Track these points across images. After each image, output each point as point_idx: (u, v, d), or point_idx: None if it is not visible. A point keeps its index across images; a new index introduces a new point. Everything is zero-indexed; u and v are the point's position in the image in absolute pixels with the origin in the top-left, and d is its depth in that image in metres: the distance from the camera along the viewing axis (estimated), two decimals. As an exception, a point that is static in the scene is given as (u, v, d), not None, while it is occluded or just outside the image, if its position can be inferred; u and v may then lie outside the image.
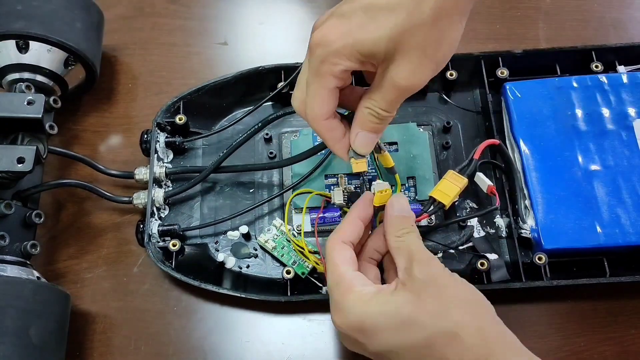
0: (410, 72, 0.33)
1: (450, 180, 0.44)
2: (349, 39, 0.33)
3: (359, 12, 0.32)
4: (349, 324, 0.35)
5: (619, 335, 0.45)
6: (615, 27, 0.58)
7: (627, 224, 0.45)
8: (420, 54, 0.32)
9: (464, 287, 0.36)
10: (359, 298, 0.35)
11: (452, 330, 0.33)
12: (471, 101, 0.54)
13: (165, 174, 0.50)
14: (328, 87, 0.34)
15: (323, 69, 0.34)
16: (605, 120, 0.49)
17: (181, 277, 0.46)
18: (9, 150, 0.43)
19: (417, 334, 0.33)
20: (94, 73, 0.52)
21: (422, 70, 0.33)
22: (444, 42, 0.33)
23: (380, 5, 0.32)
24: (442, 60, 0.34)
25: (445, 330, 0.33)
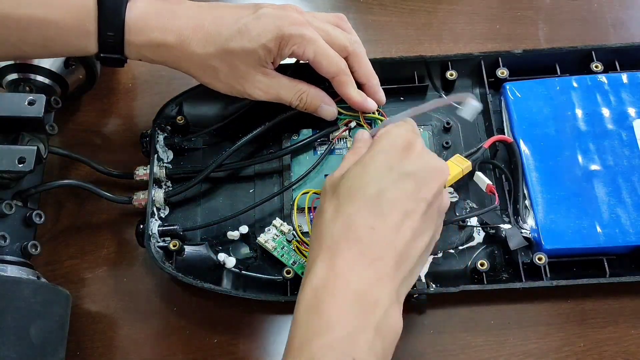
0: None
1: (455, 162, 0.45)
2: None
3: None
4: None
5: (619, 335, 0.45)
6: (615, 27, 0.58)
7: (627, 224, 0.45)
8: None
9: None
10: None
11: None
12: (471, 101, 0.54)
13: (165, 174, 0.50)
14: None
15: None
16: (605, 120, 0.49)
17: (181, 277, 0.46)
18: (10, 151, 0.43)
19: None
20: (94, 73, 0.52)
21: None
22: None
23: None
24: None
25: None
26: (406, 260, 0.37)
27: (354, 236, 0.36)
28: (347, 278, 0.35)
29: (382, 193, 0.37)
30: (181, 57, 0.44)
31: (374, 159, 0.39)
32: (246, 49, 0.43)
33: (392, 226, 0.36)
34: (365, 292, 0.34)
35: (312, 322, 0.34)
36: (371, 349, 0.33)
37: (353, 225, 0.36)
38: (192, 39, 0.43)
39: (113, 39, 0.43)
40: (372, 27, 0.59)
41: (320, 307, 0.34)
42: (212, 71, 0.45)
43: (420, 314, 0.46)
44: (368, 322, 0.34)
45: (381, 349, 0.34)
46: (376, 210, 0.37)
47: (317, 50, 0.44)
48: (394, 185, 0.37)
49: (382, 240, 0.36)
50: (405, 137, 0.40)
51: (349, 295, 0.34)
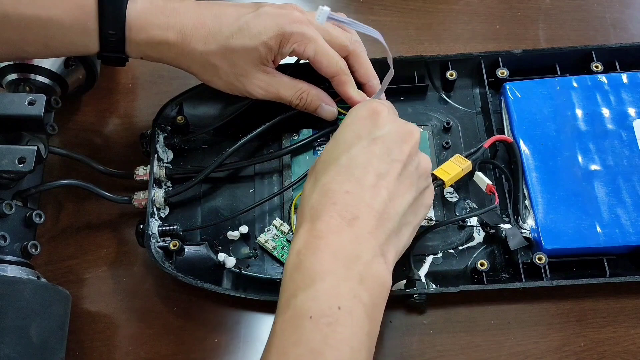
0: None
1: (455, 162, 0.46)
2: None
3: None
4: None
5: (619, 335, 0.45)
6: (615, 27, 0.58)
7: (627, 224, 0.45)
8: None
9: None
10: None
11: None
12: (471, 101, 0.54)
13: (165, 174, 0.50)
14: None
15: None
16: (605, 120, 0.49)
17: (181, 277, 0.46)
18: (10, 150, 0.43)
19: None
20: (94, 73, 0.52)
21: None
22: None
23: None
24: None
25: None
26: (387, 219, 0.37)
27: (330, 201, 0.37)
28: (327, 238, 0.36)
29: (353, 159, 0.38)
30: (182, 54, 0.44)
31: (343, 131, 0.40)
32: (247, 47, 0.43)
33: (366, 187, 0.37)
34: (345, 248, 0.35)
35: (296, 279, 0.35)
36: (356, 297, 0.34)
37: (329, 192, 0.37)
38: (193, 37, 0.44)
39: (114, 37, 0.43)
40: (372, 27, 0.59)
41: (303, 265, 0.35)
42: (213, 69, 0.45)
43: (420, 314, 0.47)
44: (350, 273, 0.35)
45: (368, 299, 0.35)
46: (349, 175, 0.38)
47: (318, 49, 0.44)
48: (363, 150, 0.38)
49: (358, 202, 0.37)
50: (369, 106, 0.41)
51: (329, 252, 0.35)
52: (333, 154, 0.39)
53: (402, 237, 0.39)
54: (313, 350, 0.33)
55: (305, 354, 0.33)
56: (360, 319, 0.34)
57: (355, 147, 0.39)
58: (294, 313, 0.34)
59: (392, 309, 0.47)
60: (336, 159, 0.39)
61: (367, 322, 0.34)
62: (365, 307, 0.34)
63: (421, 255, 0.48)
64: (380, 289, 0.36)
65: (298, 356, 0.33)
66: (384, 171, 0.38)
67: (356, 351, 0.33)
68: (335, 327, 0.33)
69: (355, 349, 0.33)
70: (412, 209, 0.39)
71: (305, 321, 0.33)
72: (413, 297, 0.44)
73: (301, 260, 0.35)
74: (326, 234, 0.36)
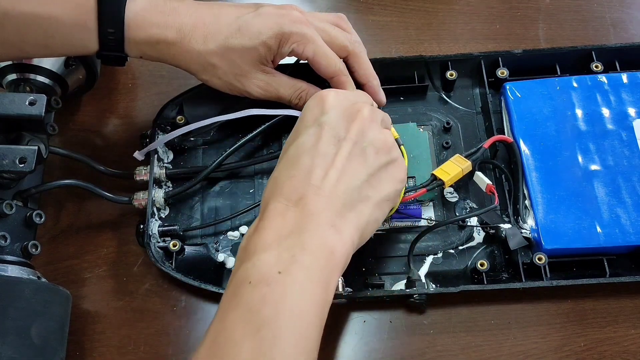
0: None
1: (455, 162, 0.46)
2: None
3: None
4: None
5: (619, 335, 0.45)
6: (615, 27, 0.58)
7: (627, 224, 0.45)
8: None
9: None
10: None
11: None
12: (471, 101, 0.54)
13: (165, 174, 0.50)
14: None
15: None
16: (605, 120, 0.49)
17: (181, 277, 0.46)
18: (11, 151, 0.43)
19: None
20: (94, 73, 0.52)
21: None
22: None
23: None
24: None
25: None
26: (336, 197, 0.37)
27: (278, 189, 0.37)
28: (272, 219, 0.36)
29: (299, 147, 0.39)
30: (181, 53, 0.44)
31: (296, 126, 0.41)
32: (246, 46, 0.44)
33: (312, 170, 0.37)
34: (288, 225, 0.35)
35: (241, 257, 0.36)
36: (297, 262, 0.34)
37: (277, 181, 0.38)
38: (192, 36, 0.44)
39: (113, 35, 0.43)
40: (372, 27, 0.59)
41: (247, 245, 0.36)
42: (212, 68, 0.45)
43: (420, 314, 0.47)
44: (292, 242, 0.35)
45: (312, 263, 0.34)
46: (295, 163, 0.38)
47: (317, 50, 0.44)
48: (309, 137, 0.39)
49: (303, 184, 0.37)
50: (317, 95, 0.41)
51: (273, 230, 0.35)
52: (285, 147, 0.40)
53: (361, 213, 0.38)
54: (250, 310, 0.32)
55: (243, 314, 0.32)
56: (302, 282, 0.34)
57: (302, 136, 0.39)
58: (235, 282, 0.34)
59: (392, 309, 0.47)
60: (286, 150, 0.40)
61: (311, 285, 0.34)
62: (308, 272, 0.34)
63: (421, 255, 0.48)
64: (328, 256, 0.35)
65: (236, 317, 0.33)
66: (330, 152, 0.38)
67: (297, 310, 0.33)
68: (275, 287, 0.33)
69: (297, 308, 0.33)
70: (370, 185, 0.39)
71: (245, 286, 0.33)
72: (413, 297, 0.44)
73: (247, 242, 0.36)
74: (272, 215, 0.36)
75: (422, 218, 0.48)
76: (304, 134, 0.39)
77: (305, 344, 0.33)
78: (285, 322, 0.32)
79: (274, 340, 0.31)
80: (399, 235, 0.49)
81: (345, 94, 0.42)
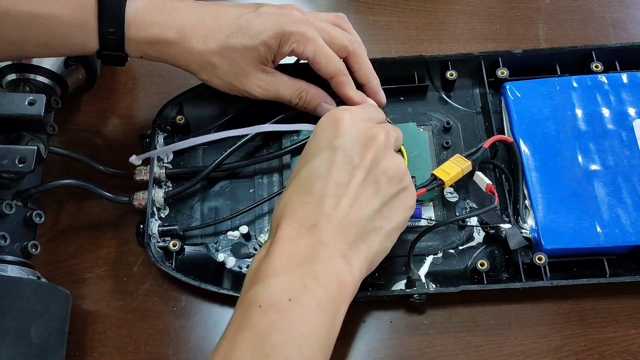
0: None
1: (455, 162, 0.46)
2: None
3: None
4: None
5: (619, 335, 0.45)
6: (615, 27, 0.58)
7: (627, 224, 0.45)
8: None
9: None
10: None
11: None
12: (471, 101, 0.54)
13: (165, 174, 0.50)
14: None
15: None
16: (605, 120, 0.49)
17: (181, 277, 0.46)
18: (11, 151, 0.43)
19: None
20: (94, 73, 0.52)
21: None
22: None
23: None
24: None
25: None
26: (349, 227, 0.37)
27: (289, 213, 0.37)
28: (284, 243, 0.36)
29: (312, 171, 0.39)
30: (181, 53, 0.44)
31: (308, 145, 0.41)
32: (247, 46, 0.44)
33: (325, 197, 0.37)
34: (301, 252, 0.36)
35: (252, 278, 0.36)
36: (309, 291, 0.34)
37: (289, 205, 0.38)
38: (192, 36, 0.44)
39: (114, 35, 0.43)
40: (372, 27, 0.59)
41: (259, 267, 0.36)
42: (212, 68, 0.45)
43: (420, 314, 0.47)
44: (304, 270, 0.35)
45: (323, 294, 0.35)
46: (308, 187, 0.38)
47: (317, 50, 0.44)
48: (323, 161, 0.39)
49: (316, 211, 0.37)
50: (331, 115, 0.41)
51: (285, 254, 0.35)
52: (297, 168, 0.40)
53: (372, 243, 0.38)
54: (259, 335, 0.33)
55: (251, 338, 0.33)
56: (312, 311, 0.34)
57: (315, 159, 0.39)
58: (245, 304, 0.34)
59: (392, 309, 0.47)
60: (297, 172, 0.40)
61: (320, 315, 0.34)
62: (319, 302, 0.34)
63: (421, 255, 0.48)
64: (339, 287, 0.36)
65: (244, 340, 0.33)
66: (344, 180, 0.38)
67: (305, 340, 0.33)
68: (285, 315, 0.33)
69: (305, 336, 0.33)
70: (382, 215, 0.39)
71: (255, 309, 0.33)
72: (413, 297, 0.44)
73: (259, 264, 0.36)
74: (284, 240, 0.36)
75: (422, 218, 0.48)
76: (317, 157, 0.39)
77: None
78: (292, 351, 0.32)
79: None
80: (399, 235, 0.49)
81: (360, 115, 0.41)
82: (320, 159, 0.39)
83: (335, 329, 0.35)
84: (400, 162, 0.41)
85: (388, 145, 0.40)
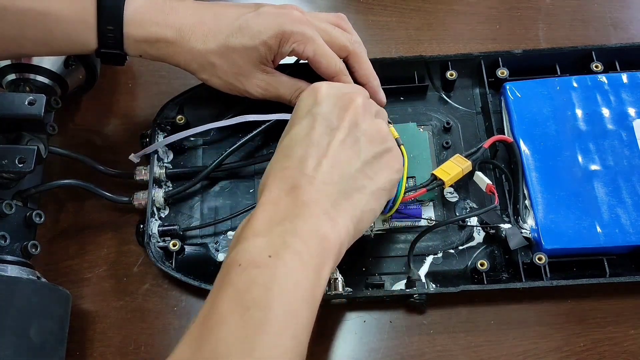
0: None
1: (455, 162, 0.46)
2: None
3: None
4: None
5: (619, 335, 0.45)
6: (616, 27, 0.58)
7: (627, 224, 0.45)
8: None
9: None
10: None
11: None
12: (471, 101, 0.54)
13: (165, 174, 0.50)
14: None
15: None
16: (605, 120, 0.49)
17: (181, 277, 0.46)
18: (11, 151, 0.44)
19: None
20: (94, 73, 0.52)
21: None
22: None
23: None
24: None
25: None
26: (330, 185, 0.37)
27: (272, 179, 0.38)
28: (264, 208, 0.36)
29: (293, 138, 0.39)
30: (180, 52, 0.44)
31: (290, 119, 0.41)
32: (247, 46, 0.44)
33: (305, 160, 0.37)
34: (281, 212, 0.36)
35: (234, 242, 0.36)
36: (289, 247, 0.34)
37: (271, 172, 0.38)
38: (192, 35, 0.44)
39: (113, 32, 0.43)
40: (372, 27, 0.59)
41: (240, 232, 0.36)
42: (211, 68, 0.45)
43: (420, 314, 0.47)
44: (284, 228, 0.35)
45: (303, 248, 0.34)
46: (287, 153, 0.39)
47: (317, 50, 0.44)
48: (301, 127, 0.39)
49: (297, 173, 0.37)
50: (311, 87, 0.41)
51: (266, 216, 0.36)
52: (280, 140, 0.41)
53: (357, 202, 0.38)
54: (238, 290, 0.32)
55: (232, 294, 0.32)
56: (294, 266, 0.33)
57: (295, 127, 0.39)
58: (226, 265, 0.34)
59: (392, 309, 0.47)
60: (280, 142, 0.40)
61: (302, 269, 0.34)
62: (300, 257, 0.34)
63: (421, 255, 0.48)
64: (320, 242, 0.35)
65: (225, 297, 0.33)
66: (324, 142, 0.38)
67: (286, 293, 0.33)
68: (264, 270, 0.33)
69: (287, 290, 0.33)
70: (364, 174, 0.39)
71: (234, 268, 0.33)
72: (413, 297, 0.44)
73: (240, 230, 0.36)
74: (265, 204, 0.36)
75: (422, 218, 0.48)
76: (298, 125, 0.39)
77: (294, 329, 0.33)
78: (273, 303, 0.32)
79: (261, 320, 0.31)
80: (399, 235, 0.49)
81: (339, 85, 0.42)
82: (300, 126, 0.39)
83: (320, 286, 0.35)
84: (382, 124, 0.41)
85: (367, 109, 0.41)
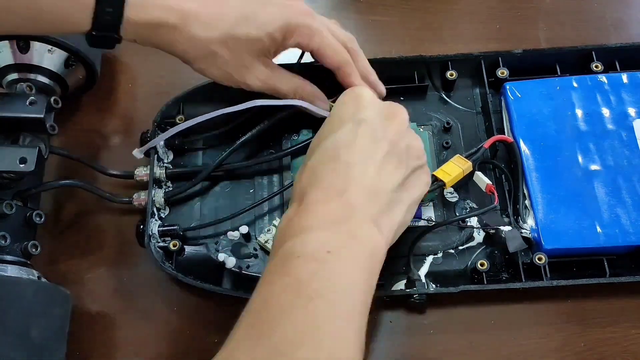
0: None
1: (455, 163, 0.46)
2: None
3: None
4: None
5: (619, 335, 0.45)
6: (616, 27, 0.58)
7: (627, 224, 0.45)
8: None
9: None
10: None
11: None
12: (471, 101, 0.54)
13: (165, 174, 0.50)
14: None
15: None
16: (605, 120, 0.49)
17: (181, 277, 0.46)
18: (12, 151, 0.44)
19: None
20: (94, 73, 0.52)
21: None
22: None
23: None
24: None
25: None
26: (376, 194, 0.37)
27: (317, 179, 0.37)
28: (315, 205, 0.36)
29: (337, 141, 0.39)
30: (180, 40, 0.42)
31: (329, 119, 0.41)
32: (251, 36, 0.42)
33: (352, 165, 0.37)
34: (333, 213, 0.35)
35: (285, 233, 0.35)
36: (346, 247, 0.34)
37: (316, 172, 0.38)
38: (195, 22, 0.42)
39: (110, 15, 0.40)
40: (373, 27, 0.59)
41: (292, 224, 0.36)
42: (212, 57, 0.43)
43: (420, 314, 0.47)
44: (340, 229, 0.35)
45: (360, 252, 0.34)
46: (333, 156, 0.38)
47: (323, 41, 0.44)
48: (347, 132, 0.39)
49: (345, 178, 0.37)
50: (353, 91, 0.42)
51: (319, 214, 0.35)
52: (320, 139, 0.40)
53: (395, 215, 0.38)
54: (300, 280, 0.32)
55: (292, 283, 0.32)
56: (351, 266, 0.33)
57: (339, 130, 0.39)
58: (281, 256, 0.34)
59: (392, 309, 0.47)
60: (322, 142, 0.39)
61: (358, 271, 0.34)
62: (356, 259, 0.34)
63: (421, 255, 0.48)
64: (373, 249, 0.35)
65: (285, 285, 0.32)
66: (370, 150, 0.38)
67: (346, 290, 0.33)
68: (324, 265, 0.33)
69: (346, 288, 0.33)
70: (404, 187, 0.39)
71: (293, 259, 0.33)
72: (413, 297, 0.44)
73: (288, 222, 0.36)
74: (314, 203, 0.36)
75: (422, 218, 0.48)
76: (342, 128, 0.39)
77: (357, 325, 0.33)
78: (336, 296, 0.32)
79: (327, 311, 0.31)
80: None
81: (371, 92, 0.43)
82: (345, 131, 0.39)
83: (371, 291, 0.35)
84: (420, 140, 0.42)
85: (408, 123, 0.41)
